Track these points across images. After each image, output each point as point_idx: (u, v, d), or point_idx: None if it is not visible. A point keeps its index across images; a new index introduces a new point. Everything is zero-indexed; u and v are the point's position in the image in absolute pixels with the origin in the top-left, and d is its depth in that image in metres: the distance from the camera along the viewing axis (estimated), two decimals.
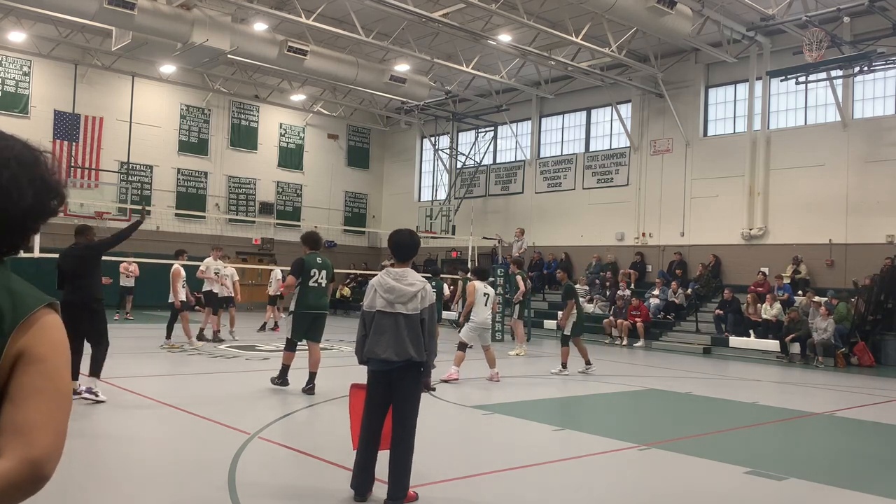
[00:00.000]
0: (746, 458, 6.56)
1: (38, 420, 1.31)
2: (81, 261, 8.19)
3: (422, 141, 31.04)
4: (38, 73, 23.78)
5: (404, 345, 4.85)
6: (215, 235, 26.73)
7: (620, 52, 19.79)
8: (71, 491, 5.06)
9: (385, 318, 4.90)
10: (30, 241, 1.50)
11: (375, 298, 4.97)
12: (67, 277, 8.07)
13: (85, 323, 7.96)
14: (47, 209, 1.47)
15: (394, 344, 4.85)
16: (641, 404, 10.27)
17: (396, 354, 4.84)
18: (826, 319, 15.85)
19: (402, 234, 5.19)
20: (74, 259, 8.18)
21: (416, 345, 4.87)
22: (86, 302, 8.02)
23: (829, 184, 19.13)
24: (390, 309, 4.91)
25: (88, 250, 8.30)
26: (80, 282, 8.06)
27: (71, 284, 8.02)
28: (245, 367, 11.60)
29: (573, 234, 24.68)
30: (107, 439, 6.63)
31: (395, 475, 4.82)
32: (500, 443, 7.16)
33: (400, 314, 4.89)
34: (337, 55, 21.63)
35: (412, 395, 4.97)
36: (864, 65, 17.20)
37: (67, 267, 8.13)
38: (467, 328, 11.05)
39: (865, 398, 11.20)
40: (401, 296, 4.92)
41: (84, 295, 8.01)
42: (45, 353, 1.37)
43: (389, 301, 4.92)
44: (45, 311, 1.42)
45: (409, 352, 4.85)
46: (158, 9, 17.64)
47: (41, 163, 1.46)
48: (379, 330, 4.90)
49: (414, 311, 4.90)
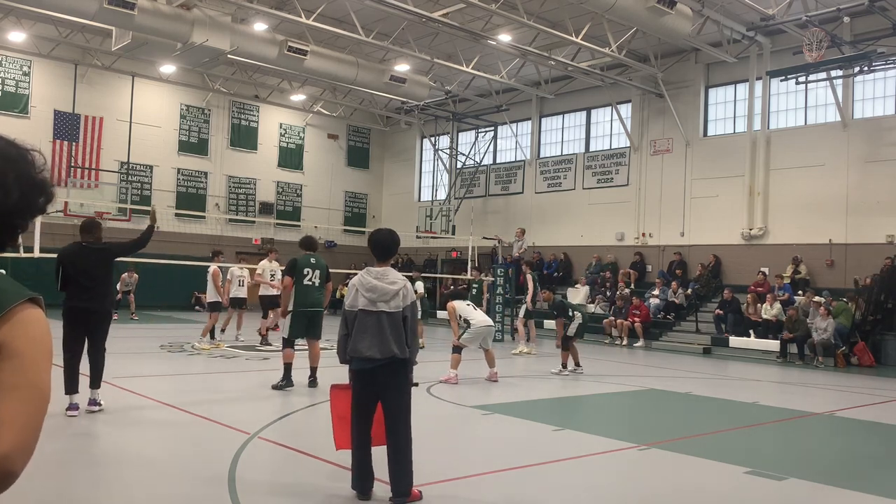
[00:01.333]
0: (746, 458, 6.56)
1: (9, 416, 1.29)
2: (101, 262, 7.38)
3: (422, 141, 31.04)
4: (38, 73, 23.79)
5: (388, 343, 4.87)
6: (215, 235, 26.75)
7: (620, 52, 19.79)
8: (71, 491, 5.06)
9: (368, 317, 4.93)
10: (16, 239, 1.49)
11: (357, 297, 4.99)
12: (78, 279, 7.18)
13: (100, 332, 7.37)
14: (34, 207, 1.45)
15: (377, 342, 4.87)
16: (641, 404, 10.26)
17: (380, 352, 4.87)
18: (825, 319, 15.85)
19: (382, 234, 5.24)
20: (90, 260, 7.30)
21: (398, 342, 4.91)
22: (108, 310, 7.52)
23: (829, 184, 19.13)
24: (373, 307, 4.94)
25: (108, 252, 7.56)
26: (99, 286, 7.30)
27: (85, 288, 7.18)
28: (245, 367, 11.60)
29: (573, 234, 24.68)
30: (107, 439, 6.64)
31: (396, 472, 4.83)
32: (500, 443, 7.16)
33: (383, 312, 4.92)
34: (337, 55, 21.63)
35: (401, 391, 4.98)
36: (864, 65, 17.20)
37: (80, 267, 7.21)
38: (468, 334, 11.04)
39: (865, 398, 11.19)
40: (383, 294, 4.94)
41: (105, 302, 7.42)
42: (22, 348, 1.34)
43: (372, 300, 4.95)
44: (25, 305, 1.38)
45: (392, 349, 4.88)
46: (158, 9, 17.64)
47: (28, 160, 1.45)
48: (362, 328, 4.93)
49: (396, 309, 4.94)
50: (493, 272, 19.22)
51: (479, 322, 11.04)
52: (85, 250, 7.37)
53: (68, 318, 7.24)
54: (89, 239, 7.50)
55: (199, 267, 22.03)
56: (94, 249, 7.42)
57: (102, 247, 7.56)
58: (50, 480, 5.17)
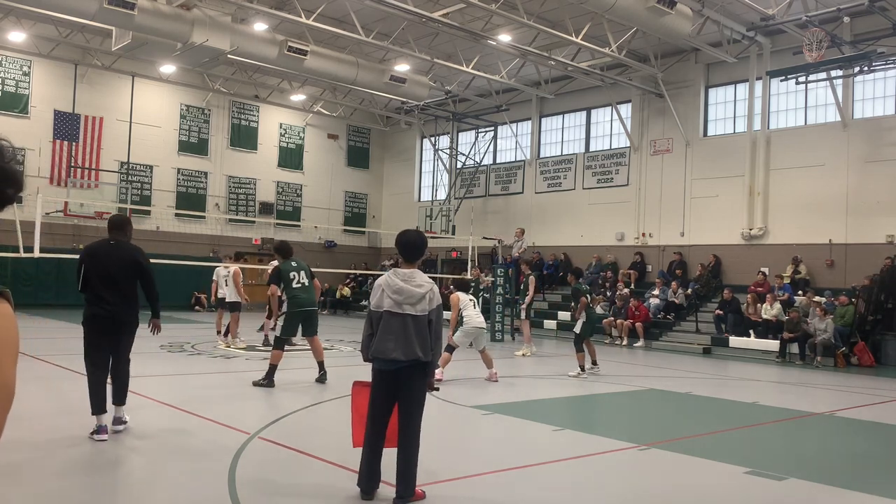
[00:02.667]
0: (746, 458, 6.56)
1: None
2: (128, 265, 6.51)
3: (422, 141, 31.04)
4: (38, 73, 23.79)
5: (412, 345, 4.87)
6: (215, 235, 26.77)
7: (620, 52, 19.79)
8: (71, 491, 5.06)
9: (393, 319, 4.91)
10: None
11: (383, 298, 4.97)
12: (101, 281, 6.39)
13: (124, 342, 6.61)
14: (3, 197, 1.43)
15: (402, 345, 4.87)
16: (641, 404, 10.26)
17: (404, 355, 4.86)
18: (824, 320, 15.85)
19: (411, 235, 5.18)
20: (116, 260, 6.46)
21: (423, 345, 4.90)
22: (133, 319, 6.63)
23: (829, 184, 19.13)
24: (398, 310, 4.92)
25: (136, 260, 6.57)
26: (123, 291, 6.48)
27: (108, 292, 6.39)
28: (245, 367, 11.60)
29: (573, 234, 24.68)
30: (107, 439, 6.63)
31: (403, 474, 4.85)
32: (500, 443, 7.16)
33: (408, 315, 4.90)
34: (337, 55, 21.63)
35: (418, 395, 5.00)
36: (864, 65, 17.20)
37: (103, 267, 6.41)
38: (459, 332, 10.97)
39: (865, 398, 11.19)
40: (409, 297, 4.93)
41: (130, 309, 6.57)
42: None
43: (398, 302, 4.93)
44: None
45: (416, 352, 4.87)
46: (158, 9, 17.64)
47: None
48: (387, 330, 4.91)
49: (422, 313, 4.92)
50: (493, 272, 19.23)
51: (471, 321, 10.80)
52: (112, 249, 6.53)
53: (89, 325, 6.50)
54: (119, 237, 6.65)
55: (198, 267, 22.13)
56: (123, 250, 6.56)
57: (133, 250, 6.65)
58: (48, 482, 5.17)
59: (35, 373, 9.86)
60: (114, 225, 6.73)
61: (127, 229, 6.76)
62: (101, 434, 6.26)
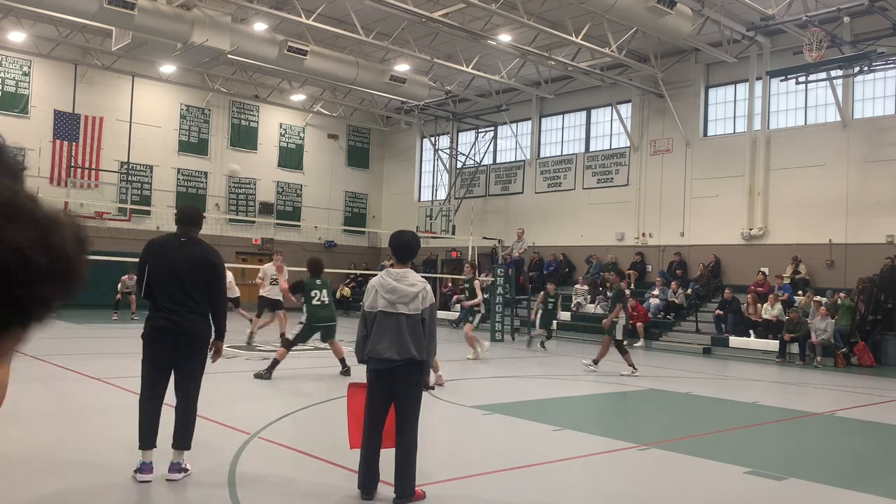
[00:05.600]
0: (746, 458, 6.56)
1: None
2: (201, 266, 5.29)
3: (422, 141, 31.03)
4: (38, 73, 23.78)
5: (406, 344, 4.90)
6: (215, 235, 26.74)
7: (620, 52, 19.79)
8: (72, 491, 5.06)
9: (387, 319, 4.94)
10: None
11: (377, 299, 5.00)
12: (165, 286, 5.23)
13: (190, 366, 5.34)
14: None
15: (396, 344, 4.90)
16: (641, 404, 10.27)
17: (399, 354, 4.90)
18: (825, 319, 15.85)
19: (405, 235, 5.23)
20: (186, 259, 5.27)
21: (417, 344, 4.93)
22: (204, 334, 5.36)
23: (829, 184, 19.13)
24: (392, 309, 4.95)
25: (210, 261, 5.37)
26: (193, 298, 5.28)
27: (172, 300, 5.21)
28: (245, 367, 11.59)
29: (573, 234, 24.67)
30: (107, 439, 6.63)
31: (402, 473, 4.87)
32: (500, 443, 7.16)
33: (402, 314, 4.94)
34: (337, 55, 21.63)
35: (414, 394, 5.03)
36: (864, 65, 17.19)
37: (169, 269, 5.24)
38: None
39: (865, 398, 11.19)
40: (403, 296, 4.96)
41: (199, 322, 5.31)
42: None
43: (391, 301, 4.96)
44: None
45: (410, 351, 4.91)
46: (158, 9, 17.64)
47: None
48: (381, 330, 4.94)
49: (415, 312, 4.96)
50: (493, 272, 19.22)
51: None
52: (182, 247, 5.31)
53: (149, 341, 5.30)
54: (192, 233, 5.41)
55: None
56: (195, 248, 5.34)
57: (207, 249, 5.42)
58: (47, 477, 5.17)
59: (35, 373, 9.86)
60: (185, 218, 5.44)
61: (200, 222, 5.54)
62: (145, 473, 5.15)
